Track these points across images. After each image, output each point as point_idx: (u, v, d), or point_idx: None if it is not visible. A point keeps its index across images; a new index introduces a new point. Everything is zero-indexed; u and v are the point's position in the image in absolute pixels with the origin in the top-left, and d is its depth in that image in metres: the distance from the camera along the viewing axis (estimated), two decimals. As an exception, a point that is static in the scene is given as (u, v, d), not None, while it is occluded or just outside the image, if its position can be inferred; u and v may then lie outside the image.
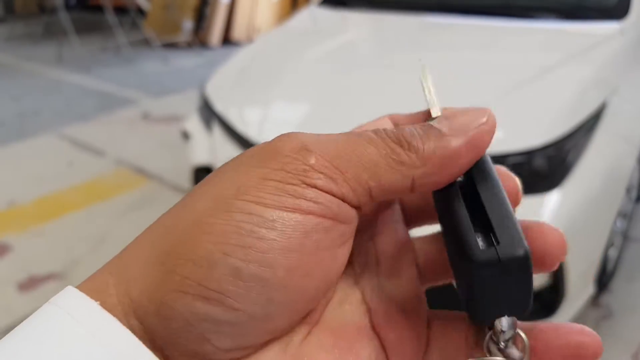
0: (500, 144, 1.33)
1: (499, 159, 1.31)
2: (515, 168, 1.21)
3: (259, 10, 5.95)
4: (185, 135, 1.99)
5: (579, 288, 1.47)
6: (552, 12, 1.81)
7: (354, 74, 1.72)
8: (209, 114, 1.86)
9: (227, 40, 5.99)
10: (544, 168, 1.32)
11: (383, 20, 2.07)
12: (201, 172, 1.81)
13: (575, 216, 1.33)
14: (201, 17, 5.96)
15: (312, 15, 2.37)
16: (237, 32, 5.90)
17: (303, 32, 2.22)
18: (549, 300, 1.42)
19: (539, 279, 1.36)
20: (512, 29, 1.81)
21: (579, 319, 1.71)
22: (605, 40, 1.63)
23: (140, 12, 6.51)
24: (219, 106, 1.82)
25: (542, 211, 1.29)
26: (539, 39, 1.73)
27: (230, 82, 1.96)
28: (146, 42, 6.10)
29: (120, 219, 2.49)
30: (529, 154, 1.32)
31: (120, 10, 8.10)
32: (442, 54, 1.77)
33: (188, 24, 5.89)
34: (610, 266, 1.77)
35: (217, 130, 1.77)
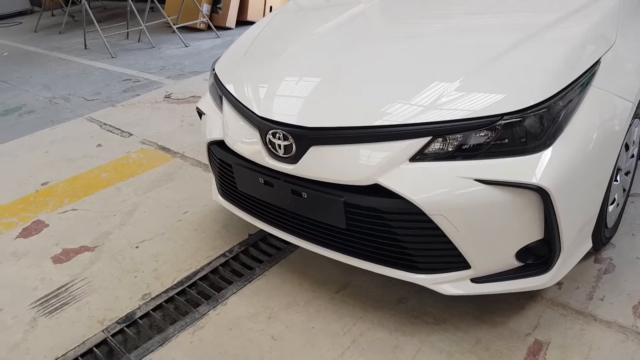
0: (495, 104, 1.38)
1: (493, 119, 1.36)
2: (509, 127, 1.28)
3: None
4: (200, 113, 2.09)
5: (575, 243, 1.52)
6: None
7: (357, 47, 1.77)
8: (219, 91, 1.96)
9: (242, 21, 6.06)
10: (537, 127, 1.37)
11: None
12: (214, 147, 1.92)
13: (568, 174, 1.38)
14: (217, 0, 6.04)
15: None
16: (252, 13, 5.95)
17: (306, 9, 2.28)
18: (544, 254, 1.48)
19: (530, 234, 1.42)
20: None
21: (581, 273, 1.77)
22: (602, -2, 1.64)
23: (160, -4, 6.62)
24: (226, 83, 1.92)
25: (536, 171, 1.34)
26: (537, 1, 1.74)
27: (237, 60, 2.04)
28: (166, 27, 6.22)
29: (146, 193, 2.64)
30: (522, 113, 1.36)
31: (141, -4, 8.24)
32: (446, 20, 1.80)
33: (205, 8, 5.97)
34: (611, 222, 1.80)
35: (226, 107, 1.86)
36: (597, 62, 1.48)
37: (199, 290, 1.96)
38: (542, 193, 1.34)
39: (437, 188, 1.39)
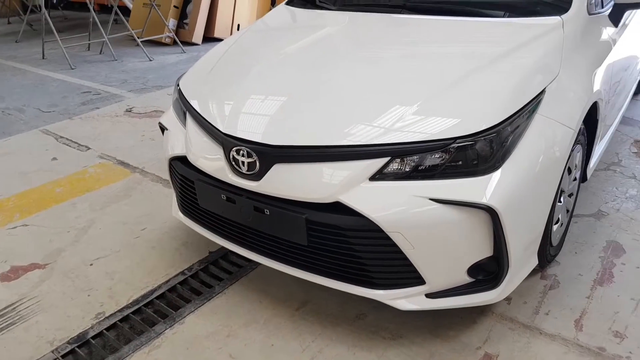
0: (449, 128, 1.46)
1: (447, 142, 1.44)
2: (462, 150, 1.36)
3: (239, 8, 6.04)
4: (162, 129, 2.10)
5: (522, 260, 1.61)
6: (503, 9, 1.94)
7: (323, 69, 1.83)
8: (183, 107, 1.97)
9: (209, 38, 6.08)
10: (487, 150, 1.46)
11: (349, 18, 2.19)
12: (175, 163, 1.92)
13: (515, 194, 1.47)
14: (184, 15, 6.05)
15: (283, 13, 2.48)
16: (219, 30, 5.99)
17: (274, 29, 2.33)
18: (493, 271, 1.56)
19: (481, 251, 1.50)
20: (467, 25, 1.94)
21: (528, 289, 1.86)
22: (547, 33, 1.77)
23: (124, 10, 6.55)
24: (191, 99, 1.93)
25: (486, 191, 1.43)
26: (490, 34, 1.86)
27: (202, 76, 2.07)
28: (130, 40, 6.15)
29: (103, 209, 2.59)
30: (474, 137, 1.45)
31: (104, 9, 8.13)
32: (407, 47, 1.89)
33: (172, 23, 5.96)
34: (556, 240, 1.91)
35: (190, 123, 1.88)
36: (543, 92, 1.59)
37: (155, 309, 1.93)
38: (491, 212, 1.42)
39: (394, 206, 1.45)
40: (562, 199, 1.85)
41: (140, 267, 2.14)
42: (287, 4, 2.52)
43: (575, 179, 1.97)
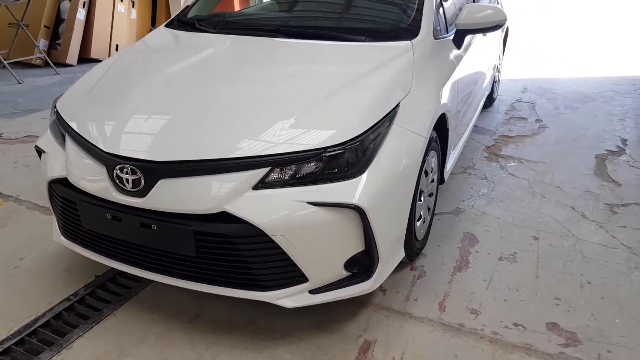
0: (321, 139, 1.64)
1: (320, 152, 1.62)
2: (333, 158, 1.55)
3: (117, 28, 5.89)
4: (39, 152, 2.04)
5: (390, 253, 1.83)
6: (364, 34, 2.20)
7: (205, 87, 1.93)
8: (61, 129, 1.95)
9: (85, 58, 5.83)
10: (354, 157, 1.66)
11: (228, 40, 2.32)
12: (55, 185, 1.89)
13: (379, 195, 1.68)
14: (56, 35, 5.74)
15: (164, 35, 2.54)
16: (95, 50, 5.78)
17: (155, 50, 2.39)
18: (366, 264, 1.76)
19: (354, 246, 1.69)
20: (334, 48, 2.16)
21: (400, 280, 2.10)
22: (400, 55, 2.05)
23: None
24: (70, 121, 1.92)
25: (355, 193, 1.62)
26: (353, 55, 2.10)
27: (81, 97, 2.06)
28: (-6, 62, 5.68)
29: (-28, 242, 2.41)
30: (343, 146, 1.64)
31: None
32: (279, 68, 2.06)
33: (42, 43, 5.63)
34: (421, 235, 2.18)
35: (69, 144, 1.87)
36: (398, 105, 1.84)
37: (40, 337, 1.86)
38: (359, 211, 1.62)
39: (276, 212, 1.59)
40: (422, 198, 2.12)
41: (20, 297, 2.04)
42: (166, 25, 2.58)
43: (433, 181, 2.27)
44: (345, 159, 1.65)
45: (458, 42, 2.43)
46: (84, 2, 5.56)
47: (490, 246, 2.33)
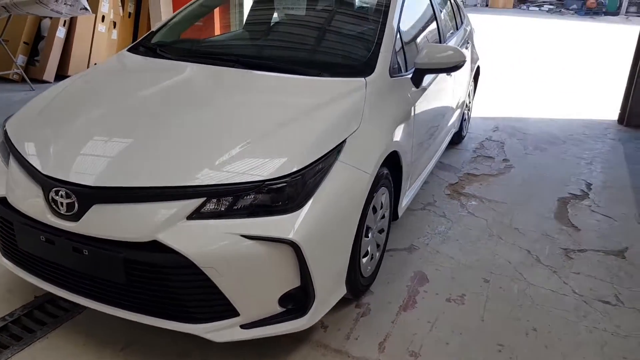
0: (261, 171, 1.63)
1: (258, 184, 1.60)
2: (271, 191, 1.53)
3: (97, 47, 5.91)
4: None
5: (328, 290, 1.80)
6: (319, 69, 2.22)
7: (148, 113, 1.92)
8: (8, 148, 1.92)
9: (64, 76, 5.82)
10: (293, 191, 1.64)
11: (186, 68, 2.31)
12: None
13: (317, 230, 1.66)
14: (35, 52, 5.74)
15: (121, 59, 2.55)
16: (74, 67, 5.78)
17: (111, 73, 2.38)
18: (301, 300, 1.72)
19: (289, 282, 1.66)
20: (289, 81, 2.17)
21: (343, 317, 2.06)
22: (353, 91, 2.06)
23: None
24: (15, 140, 1.90)
25: (291, 228, 1.60)
26: (306, 89, 2.10)
27: (31, 117, 2.05)
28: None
29: None
30: (282, 180, 1.63)
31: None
32: (233, 97, 2.05)
33: (20, 59, 5.62)
34: (368, 272, 2.16)
35: (12, 164, 1.84)
36: (344, 141, 1.84)
37: (-34, 359, 1.80)
38: (295, 247, 1.60)
39: (209, 244, 1.56)
40: (370, 235, 2.11)
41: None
42: (129, 49, 2.59)
43: (384, 217, 2.25)
44: (285, 193, 1.64)
45: (417, 80, 2.46)
46: (65, 21, 5.58)
47: (439, 286, 2.31)
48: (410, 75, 2.46)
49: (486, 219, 2.97)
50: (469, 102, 4.27)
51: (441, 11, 3.41)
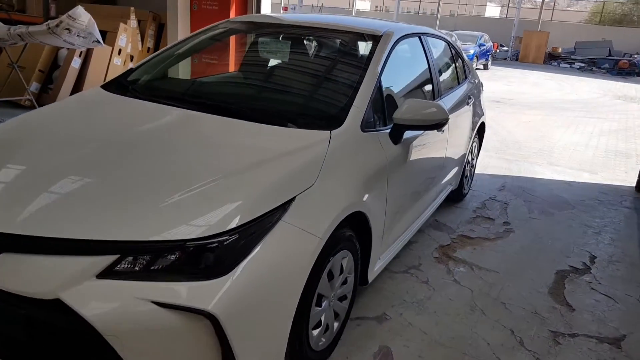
0: (185, 229, 1.45)
1: (180, 244, 1.42)
2: (195, 252, 1.31)
3: (110, 78, 5.97)
4: None
5: (260, 367, 1.59)
6: (287, 118, 2.06)
7: (81, 158, 1.76)
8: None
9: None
10: (221, 254, 1.46)
11: (142, 108, 2.17)
12: None
13: (245, 301, 1.46)
14: (49, 80, 5.84)
15: (88, 95, 2.45)
16: (84, 97, 5.85)
17: (67, 110, 2.27)
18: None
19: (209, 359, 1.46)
20: (251, 128, 1.98)
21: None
22: (314, 145, 1.89)
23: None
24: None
25: (211, 297, 1.40)
26: (264, 139, 1.92)
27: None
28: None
29: None
30: (209, 240, 1.45)
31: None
32: (181, 144, 1.86)
33: (34, 86, 5.72)
34: (321, 345, 1.93)
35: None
36: (292, 200, 1.66)
37: None
38: (213, 320, 1.40)
39: (114, 308, 1.39)
40: (324, 303, 1.89)
41: None
42: (103, 86, 2.51)
43: (345, 283, 2.04)
44: (212, 255, 1.46)
45: (395, 136, 2.29)
46: (81, 52, 5.68)
47: (403, 366, 2.06)
48: (388, 130, 2.29)
49: (472, 289, 2.71)
50: (472, 159, 4.06)
51: (440, 64, 3.27)
